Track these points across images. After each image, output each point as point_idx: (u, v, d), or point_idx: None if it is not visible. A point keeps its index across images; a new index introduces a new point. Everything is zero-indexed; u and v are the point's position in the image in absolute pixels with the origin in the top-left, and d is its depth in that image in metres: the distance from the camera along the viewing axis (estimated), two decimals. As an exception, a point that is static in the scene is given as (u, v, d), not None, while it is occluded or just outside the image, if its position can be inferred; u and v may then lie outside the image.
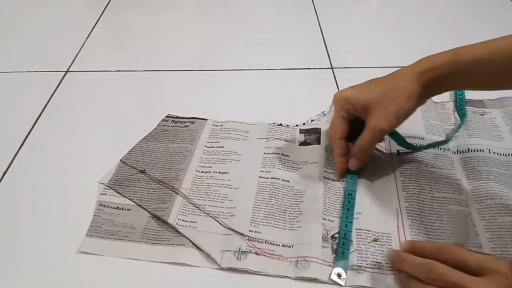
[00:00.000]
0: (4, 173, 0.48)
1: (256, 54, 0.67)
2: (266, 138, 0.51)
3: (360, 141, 0.43)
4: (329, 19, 0.66)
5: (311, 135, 0.51)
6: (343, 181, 0.46)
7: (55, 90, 0.60)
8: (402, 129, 0.50)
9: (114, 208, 0.44)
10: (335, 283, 0.37)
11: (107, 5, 0.82)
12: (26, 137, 0.53)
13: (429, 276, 0.33)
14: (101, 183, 0.46)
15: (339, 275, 0.37)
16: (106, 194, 0.45)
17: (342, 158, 0.45)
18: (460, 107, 0.53)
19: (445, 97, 0.55)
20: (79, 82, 0.62)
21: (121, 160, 0.49)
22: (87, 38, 0.72)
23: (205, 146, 0.51)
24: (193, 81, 0.62)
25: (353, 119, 0.45)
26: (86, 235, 0.41)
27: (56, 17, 0.79)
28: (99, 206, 0.44)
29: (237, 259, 0.39)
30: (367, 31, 0.71)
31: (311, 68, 0.63)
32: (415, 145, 0.48)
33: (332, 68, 0.63)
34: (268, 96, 0.58)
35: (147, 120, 0.54)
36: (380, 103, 0.41)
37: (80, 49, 0.69)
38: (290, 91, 0.59)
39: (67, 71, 0.64)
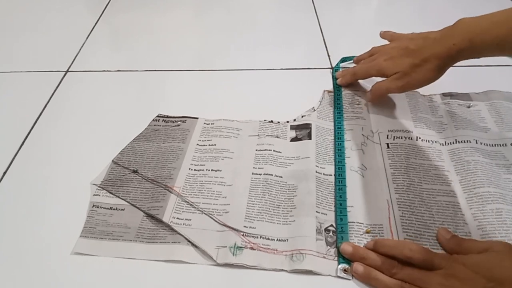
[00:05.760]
0: (4, 173, 0.48)
1: (256, 54, 0.67)
2: (258, 135, 0.51)
3: (378, 84, 0.53)
4: (329, 19, 0.66)
5: (302, 131, 0.51)
6: (333, 175, 0.46)
7: (55, 90, 0.60)
8: (391, 124, 0.51)
9: (107, 208, 0.44)
10: (343, 278, 0.38)
11: (107, 5, 0.81)
12: (26, 137, 0.53)
13: (392, 270, 0.37)
14: (94, 184, 0.46)
15: (345, 271, 0.38)
16: (99, 195, 0.45)
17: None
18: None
19: (433, 90, 0.56)
20: (79, 82, 0.62)
21: (112, 160, 0.49)
22: (87, 38, 0.72)
23: (197, 144, 0.51)
24: (193, 81, 0.62)
25: None
26: (80, 236, 0.41)
27: (56, 17, 0.78)
28: (92, 207, 0.44)
29: (233, 255, 0.39)
30: (367, 31, 0.70)
31: (311, 68, 0.63)
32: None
33: (332, 68, 0.63)
34: (267, 97, 0.58)
35: (147, 120, 0.54)
36: (405, 74, 0.49)
37: (80, 49, 0.69)
38: (290, 91, 0.59)
39: (67, 71, 0.64)
